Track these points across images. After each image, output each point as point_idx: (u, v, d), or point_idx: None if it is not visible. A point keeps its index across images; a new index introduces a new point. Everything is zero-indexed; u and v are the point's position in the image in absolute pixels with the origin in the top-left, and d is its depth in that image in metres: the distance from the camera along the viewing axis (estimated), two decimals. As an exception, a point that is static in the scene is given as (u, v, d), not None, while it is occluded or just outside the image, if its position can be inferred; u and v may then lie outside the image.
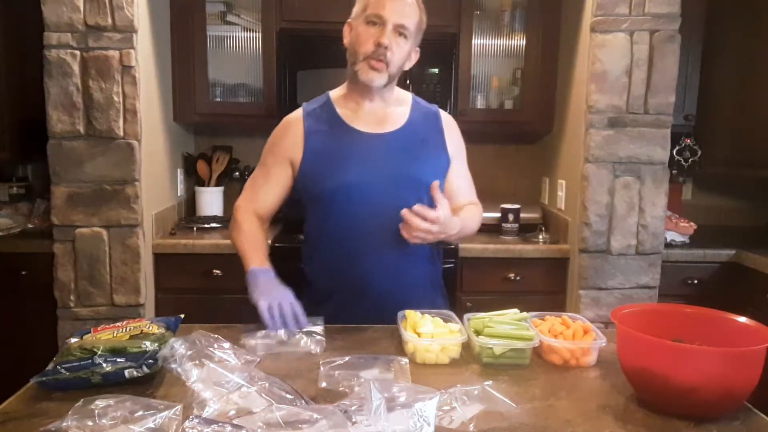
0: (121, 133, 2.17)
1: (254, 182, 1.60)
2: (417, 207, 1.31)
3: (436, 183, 1.35)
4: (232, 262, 2.39)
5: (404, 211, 1.31)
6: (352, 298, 1.47)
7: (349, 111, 1.52)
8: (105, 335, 1.12)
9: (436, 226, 1.32)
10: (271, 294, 1.33)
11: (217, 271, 2.39)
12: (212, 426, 0.82)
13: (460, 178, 1.59)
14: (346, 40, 1.50)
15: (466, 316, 1.30)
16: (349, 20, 1.50)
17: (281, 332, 1.26)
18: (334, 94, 1.57)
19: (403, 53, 1.45)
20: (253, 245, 1.49)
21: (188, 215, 2.89)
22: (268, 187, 1.56)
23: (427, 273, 1.57)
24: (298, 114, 1.56)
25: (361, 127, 1.50)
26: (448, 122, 1.59)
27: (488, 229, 2.62)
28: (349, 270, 1.47)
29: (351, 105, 1.53)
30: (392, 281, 1.47)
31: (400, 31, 1.42)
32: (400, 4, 1.42)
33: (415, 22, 1.45)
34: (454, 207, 1.57)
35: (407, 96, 1.59)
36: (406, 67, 1.51)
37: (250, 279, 1.39)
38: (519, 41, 2.76)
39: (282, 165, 1.53)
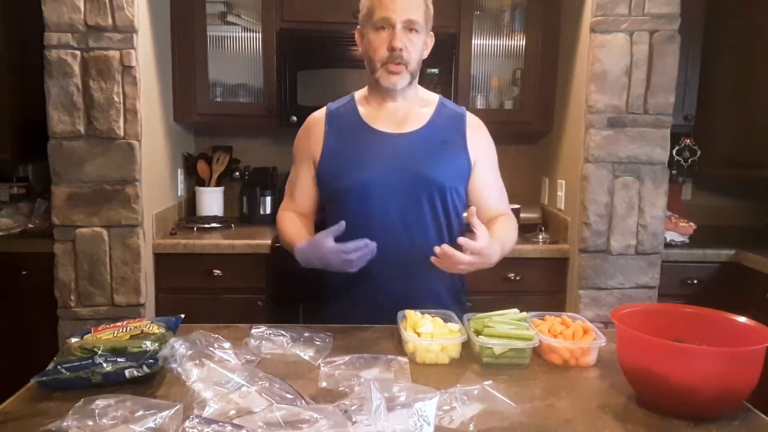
0: (122, 133, 2.17)
1: (289, 184, 1.61)
2: (462, 240, 1.25)
3: (473, 210, 1.31)
4: (233, 262, 2.42)
5: (444, 247, 1.24)
6: (364, 297, 1.47)
7: (371, 111, 1.52)
8: (105, 335, 1.12)
9: (477, 258, 1.27)
10: (321, 258, 1.34)
11: (218, 271, 2.39)
12: (212, 426, 0.82)
13: (486, 186, 1.54)
14: (359, 48, 1.50)
15: (465, 316, 1.31)
16: (358, 27, 1.49)
17: (285, 339, 1.25)
18: (359, 94, 1.57)
19: (418, 48, 1.45)
20: (292, 230, 1.49)
21: (188, 215, 2.89)
22: (301, 187, 1.57)
23: (443, 279, 1.51)
24: (321, 113, 1.56)
25: (381, 126, 1.49)
26: (474, 125, 1.55)
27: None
28: (362, 270, 1.46)
29: (373, 105, 1.53)
30: (404, 282, 1.46)
31: (410, 27, 1.41)
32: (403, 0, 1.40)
33: (423, 13, 1.43)
34: (489, 216, 1.53)
35: (434, 97, 1.57)
36: (423, 57, 1.50)
37: (299, 257, 1.39)
38: (519, 41, 2.76)
39: (308, 163, 1.54)
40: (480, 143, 1.54)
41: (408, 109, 1.52)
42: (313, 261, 1.37)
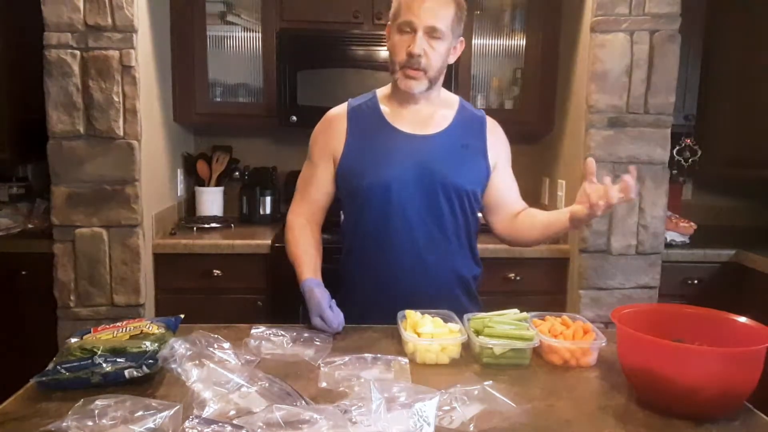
0: (121, 133, 2.16)
1: (303, 180, 1.59)
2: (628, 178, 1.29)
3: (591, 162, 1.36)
4: (232, 262, 2.41)
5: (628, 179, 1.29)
6: (381, 295, 1.47)
7: (394, 110, 1.52)
8: (105, 335, 1.12)
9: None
10: (319, 311, 1.35)
11: (217, 271, 2.39)
12: (212, 426, 0.82)
13: (508, 188, 1.59)
14: (387, 43, 1.49)
15: (466, 316, 1.30)
16: (388, 23, 1.49)
17: (285, 339, 1.25)
18: (381, 92, 1.57)
19: (441, 54, 1.43)
20: (302, 254, 1.49)
21: (188, 215, 2.89)
22: (317, 184, 1.55)
23: (458, 275, 1.55)
24: (342, 109, 1.56)
25: (403, 127, 1.50)
26: (493, 129, 1.57)
27: (488, 229, 2.62)
28: (380, 267, 1.48)
29: (395, 104, 1.52)
30: (421, 279, 1.48)
31: (432, 33, 1.40)
32: (429, 4, 1.38)
33: (450, 20, 1.41)
34: (514, 213, 1.58)
35: (454, 99, 1.58)
36: (451, 61, 1.49)
37: (304, 292, 1.41)
38: (519, 41, 2.76)
39: (327, 159, 1.53)
40: (499, 148, 1.57)
41: (430, 110, 1.52)
42: (305, 298, 1.39)
